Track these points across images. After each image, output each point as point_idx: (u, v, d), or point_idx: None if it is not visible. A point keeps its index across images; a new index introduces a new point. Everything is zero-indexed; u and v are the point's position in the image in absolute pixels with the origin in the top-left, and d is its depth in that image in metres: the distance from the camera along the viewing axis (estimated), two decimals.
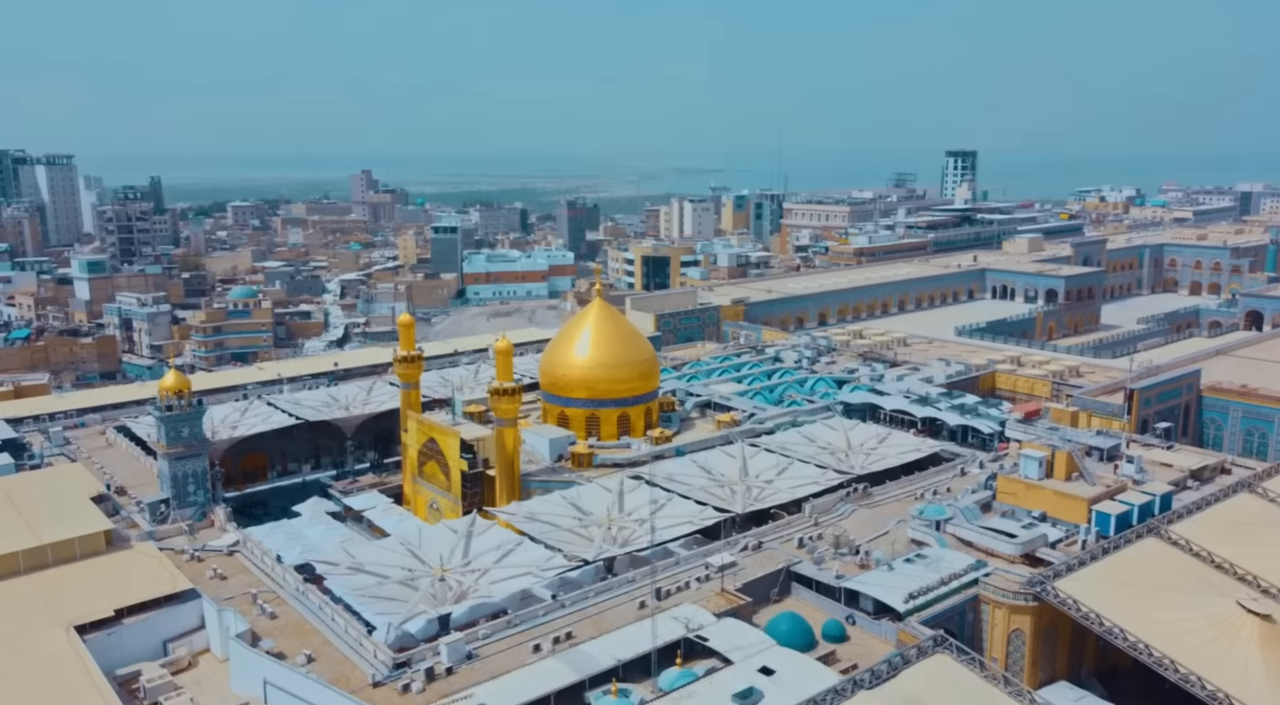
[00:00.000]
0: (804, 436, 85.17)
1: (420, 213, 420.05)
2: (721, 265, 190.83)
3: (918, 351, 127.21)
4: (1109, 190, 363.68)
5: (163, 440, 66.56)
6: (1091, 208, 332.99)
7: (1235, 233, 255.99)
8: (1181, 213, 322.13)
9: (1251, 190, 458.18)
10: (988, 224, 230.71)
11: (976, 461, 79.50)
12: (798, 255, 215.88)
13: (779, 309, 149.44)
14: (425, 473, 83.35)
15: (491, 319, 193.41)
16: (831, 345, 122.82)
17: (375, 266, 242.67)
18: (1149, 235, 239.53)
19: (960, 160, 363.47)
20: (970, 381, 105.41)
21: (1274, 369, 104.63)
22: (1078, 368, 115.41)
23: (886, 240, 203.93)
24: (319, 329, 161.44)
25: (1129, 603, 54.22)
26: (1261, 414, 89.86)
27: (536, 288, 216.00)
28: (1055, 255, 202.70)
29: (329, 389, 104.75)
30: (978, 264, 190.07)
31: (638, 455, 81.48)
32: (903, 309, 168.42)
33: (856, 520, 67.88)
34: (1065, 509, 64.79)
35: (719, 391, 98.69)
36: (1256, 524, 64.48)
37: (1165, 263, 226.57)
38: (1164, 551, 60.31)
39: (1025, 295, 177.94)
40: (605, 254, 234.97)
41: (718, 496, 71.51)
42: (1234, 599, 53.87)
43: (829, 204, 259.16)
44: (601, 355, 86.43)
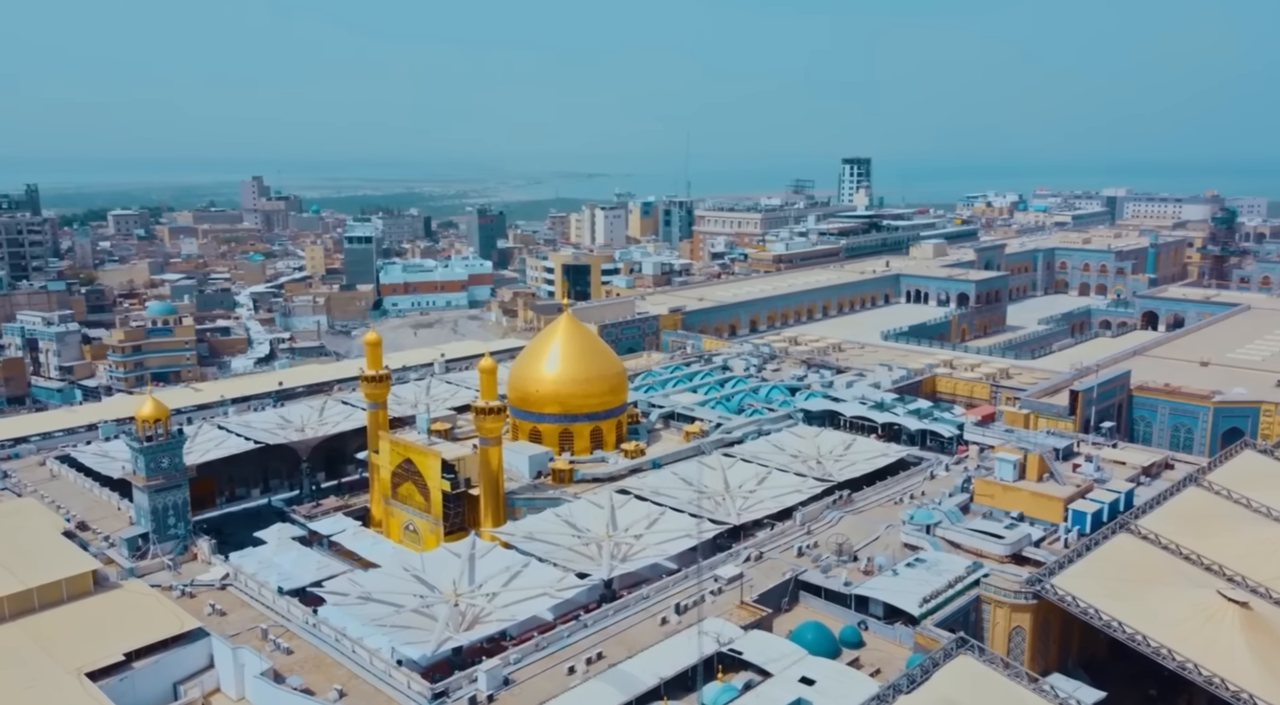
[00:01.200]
0: (773, 445, 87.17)
1: (316, 220, 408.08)
2: (646, 274, 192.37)
3: (853, 356, 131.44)
4: (994, 195, 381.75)
5: (142, 472, 63.56)
6: (979, 212, 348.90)
7: (1115, 236, 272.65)
8: (1061, 217, 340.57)
9: (1116, 195, 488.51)
10: (893, 230, 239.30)
11: (941, 465, 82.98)
12: (716, 262, 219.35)
13: (714, 317, 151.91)
14: (400, 494, 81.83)
15: (415, 330, 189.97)
16: (773, 352, 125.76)
17: (283, 278, 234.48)
18: (1040, 240, 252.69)
19: (855, 167, 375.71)
20: (914, 386, 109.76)
21: (1183, 367, 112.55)
22: (1006, 370, 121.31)
23: (802, 247, 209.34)
24: (243, 346, 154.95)
25: (1119, 596, 57.85)
26: (1187, 411, 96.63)
27: (456, 298, 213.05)
28: (960, 260, 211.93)
29: (277, 410, 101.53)
30: (890, 269, 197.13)
31: (616, 469, 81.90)
32: (826, 314, 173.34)
33: (845, 527, 70.08)
34: (1042, 509, 68.52)
35: (680, 402, 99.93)
36: (1210, 517, 69.48)
37: (1057, 265, 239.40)
38: (1137, 546, 64.47)
39: (938, 299, 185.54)
40: (524, 262, 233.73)
41: (707, 509, 72.67)
42: (1214, 589, 58.10)
43: (740, 211, 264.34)
44: (573, 370, 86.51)
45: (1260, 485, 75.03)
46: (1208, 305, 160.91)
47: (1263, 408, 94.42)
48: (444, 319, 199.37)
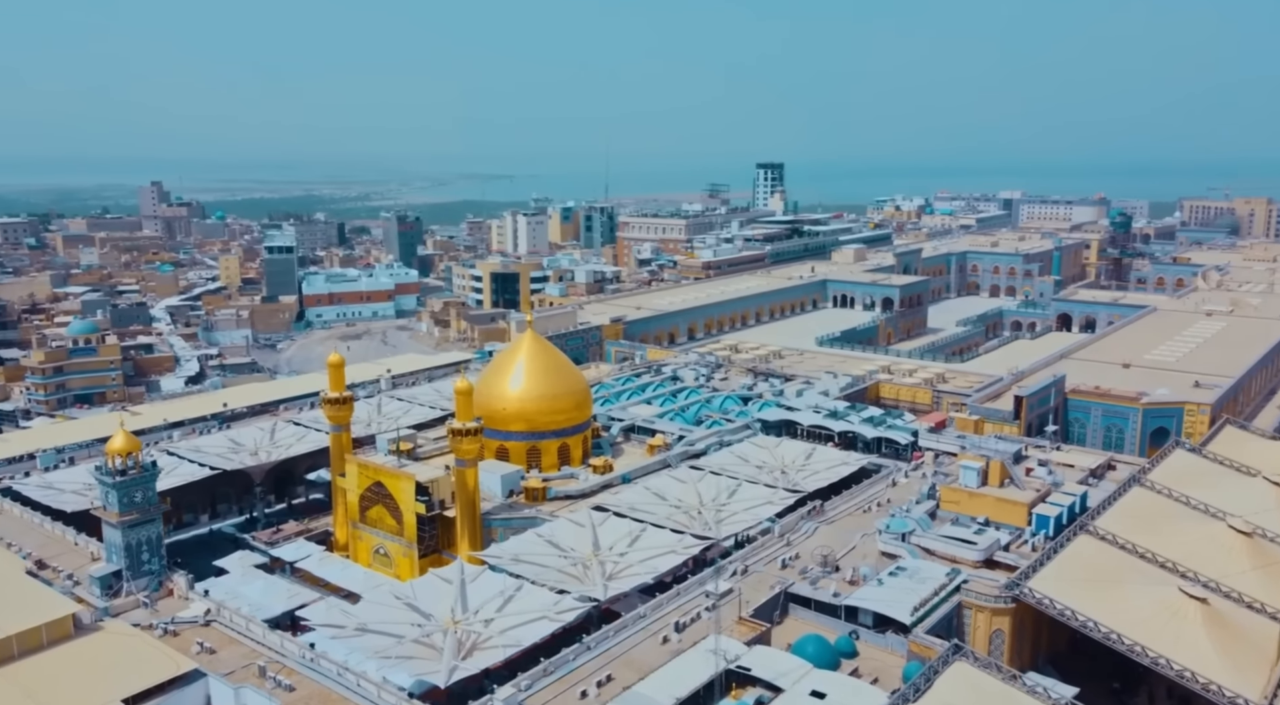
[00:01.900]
0: (737, 456, 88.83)
1: (221, 227, 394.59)
2: (580, 282, 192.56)
3: (793, 363, 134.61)
4: (901, 199, 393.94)
5: (114, 508, 61.28)
6: (890, 216, 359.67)
7: (1019, 239, 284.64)
8: (966, 220, 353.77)
9: (1012, 197, 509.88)
10: (814, 235, 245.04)
11: (901, 472, 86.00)
12: (644, 269, 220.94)
13: (653, 326, 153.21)
14: (369, 518, 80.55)
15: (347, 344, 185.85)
16: (719, 361, 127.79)
17: (197, 289, 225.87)
18: (952, 244, 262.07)
19: (769, 172, 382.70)
20: (859, 393, 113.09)
21: (1107, 369, 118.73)
22: (942, 374, 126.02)
23: (730, 253, 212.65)
24: (170, 364, 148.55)
25: (1090, 596, 61.15)
26: (1118, 412, 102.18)
27: (383, 308, 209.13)
28: (880, 264, 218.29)
29: (225, 432, 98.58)
30: (816, 274, 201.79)
31: (587, 486, 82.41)
32: (759, 320, 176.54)
33: (822, 537, 72.12)
34: (1006, 513, 71.80)
35: (640, 415, 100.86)
36: (1157, 515, 73.87)
37: (969, 268, 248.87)
38: (1097, 546, 68.18)
39: (863, 304, 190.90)
40: (449, 270, 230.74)
41: (684, 523, 73.80)
42: (1174, 586, 61.99)
43: (664, 217, 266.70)
44: (539, 387, 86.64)
45: (1195, 483, 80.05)
46: (1116, 307, 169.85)
47: (1186, 408, 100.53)
48: (372, 330, 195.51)
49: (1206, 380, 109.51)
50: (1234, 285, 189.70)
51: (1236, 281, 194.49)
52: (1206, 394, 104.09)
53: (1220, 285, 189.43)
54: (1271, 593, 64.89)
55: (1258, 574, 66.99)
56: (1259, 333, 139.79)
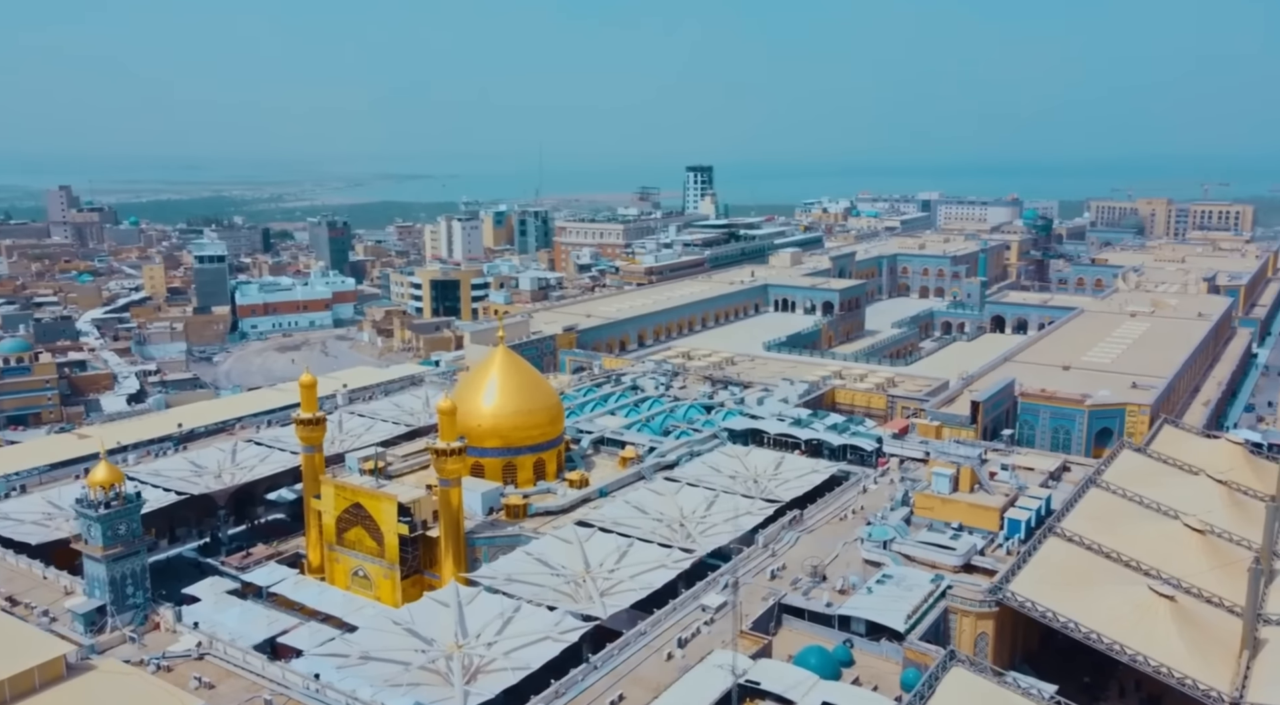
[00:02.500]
0: (709, 467, 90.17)
1: (136, 233, 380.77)
2: (525, 289, 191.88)
3: (746, 369, 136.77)
4: (828, 201, 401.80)
5: (98, 542, 59.48)
6: (818, 218, 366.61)
7: (944, 241, 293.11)
8: (890, 222, 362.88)
9: (930, 199, 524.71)
10: (751, 239, 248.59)
11: (870, 478, 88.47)
12: (585, 275, 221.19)
13: (605, 333, 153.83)
14: (347, 540, 79.51)
15: (282, 354, 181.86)
16: (675, 369, 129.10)
17: (121, 300, 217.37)
18: (882, 246, 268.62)
19: (699, 175, 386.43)
20: (816, 399, 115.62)
21: (1048, 371, 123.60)
22: (892, 378, 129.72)
23: (670, 258, 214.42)
24: (108, 382, 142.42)
25: (1067, 597, 64.09)
26: (1065, 414, 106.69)
27: (320, 317, 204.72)
28: (817, 268, 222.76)
29: (184, 454, 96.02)
30: (757, 279, 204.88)
31: (566, 501, 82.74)
32: (705, 326, 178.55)
33: (805, 547, 73.89)
34: (979, 518, 74.62)
35: (608, 426, 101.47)
36: (1116, 516, 77.61)
37: (899, 270, 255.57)
38: (1066, 548, 71.39)
39: (804, 307, 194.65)
40: (386, 277, 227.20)
41: (670, 537, 74.79)
42: (1144, 585, 65.34)
43: (602, 221, 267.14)
44: (514, 402, 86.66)
45: (1145, 483, 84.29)
46: (1046, 309, 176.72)
47: (1128, 409, 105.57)
48: (310, 341, 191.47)
49: (1143, 381, 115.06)
50: (1151, 286, 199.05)
51: (1152, 282, 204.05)
52: (1145, 395, 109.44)
53: (1138, 286, 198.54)
54: (1227, 588, 68.80)
55: (1214, 571, 70.93)
56: (1181, 333, 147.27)
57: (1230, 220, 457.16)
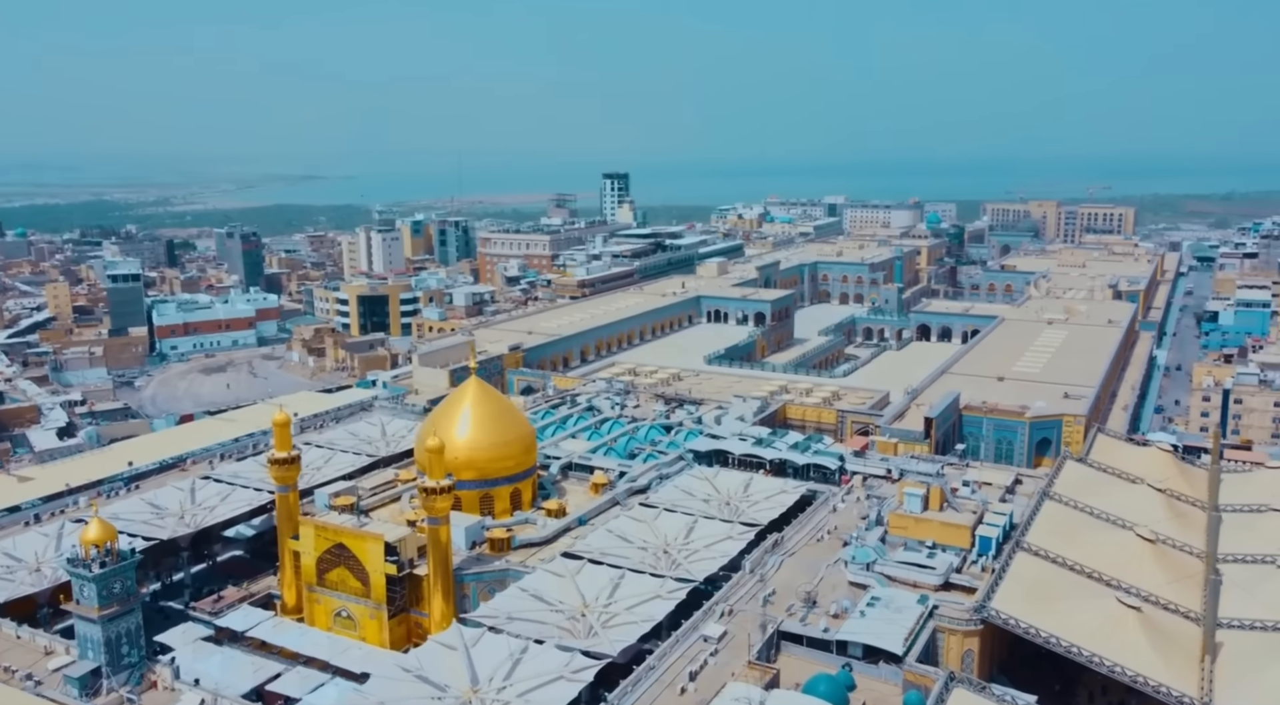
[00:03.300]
0: (682, 491, 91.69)
1: (24, 245, 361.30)
2: (459, 305, 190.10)
3: (692, 384, 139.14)
4: (743, 207, 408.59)
5: (93, 602, 57.49)
6: (734, 224, 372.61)
7: (859, 248, 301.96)
8: (804, 227, 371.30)
9: (836, 202, 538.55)
10: (677, 249, 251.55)
11: (837, 497, 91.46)
12: (516, 288, 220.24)
13: (549, 351, 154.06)
14: (329, 581, 78.29)
15: (208, 376, 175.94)
16: (627, 387, 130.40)
17: (24, 322, 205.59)
18: (802, 254, 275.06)
19: (615, 182, 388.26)
20: (770, 416, 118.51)
21: (984, 382, 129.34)
22: (836, 391, 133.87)
23: (601, 270, 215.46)
24: (33, 415, 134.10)
25: (1044, 612, 67.90)
26: (1007, 426, 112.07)
27: (244, 336, 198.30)
28: (744, 278, 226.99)
29: (139, 495, 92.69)
30: (688, 290, 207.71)
31: (549, 532, 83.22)
32: (642, 339, 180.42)
33: (789, 570, 76.16)
34: (951, 536, 78.11)
35: (574, 451, 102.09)
36: (1073, 528, 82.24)
37: (819, 277, 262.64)
38: (1034, 563, 75.44)
39: (736, 318, 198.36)
40: (309, 293, 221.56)
41: (658, 565, 76.03)
42: (1112, 597, 69.68)
43: (527, 232, 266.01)
44: (489, 434, 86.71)
45: (1092, 493, 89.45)
46: (968, 318, 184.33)
47: (1064, 419, 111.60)
48: (235, 361, 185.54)
49: (1074, 391, 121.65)
50: (1060, 292, 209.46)
51: (1061, 288, 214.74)
52: (1079, 405, 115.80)
53: (1049, 293, 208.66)
54: (1180, 595, 73.85)
55: (1168, 579, 76.00)
56: (1097, 340, 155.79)
57: (1114, 221, 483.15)
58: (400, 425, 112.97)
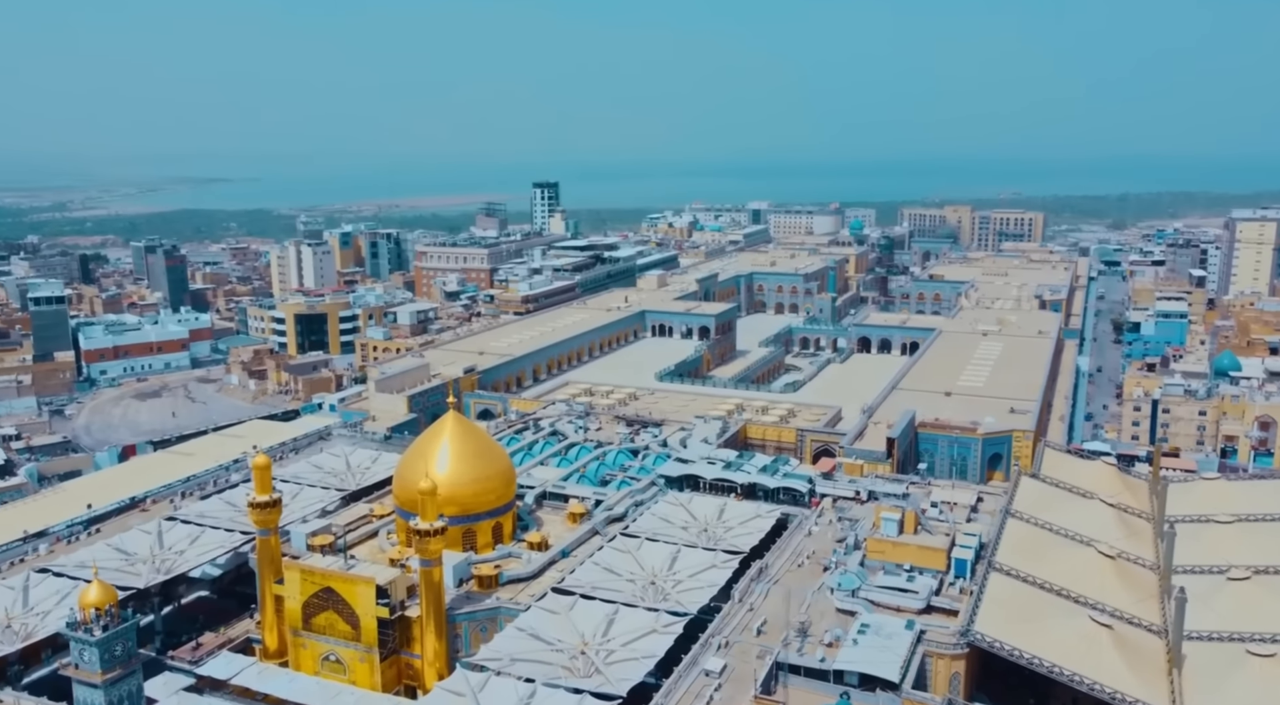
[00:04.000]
0: (659, 519, 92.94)
1: None
2: (404, 323, 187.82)
3: (649, 403, 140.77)
4: (672, 215, 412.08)
5: (95, 667, 56.12)
6: (664, 232, 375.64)
7: (790, 256, 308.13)
8: (734, 235, 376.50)
9: (760, 208, 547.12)
10: (615, 261, 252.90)
11: (810, 520, 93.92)
12: (455, 303, 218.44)
13: (503, 372, 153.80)
14: (315, 625, 77.21)
15: (143, 402, 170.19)
16: (587, 409, 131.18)
17: None
18: (738, 265, 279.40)
19: (545, 191, 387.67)
20: (733, 437, 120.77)
21: (933, 398, 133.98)
22: (792, 409, 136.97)
23: (544, 285, 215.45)
24: None
25: (1023, 633, 71.11)
26: (961, 442, 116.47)
27: (177, 359, 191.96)
28: (684, 291, 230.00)
29: (104, 541, 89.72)
30: (632, 305, 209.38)
31: (535, 567, 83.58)
32: (591, 356, 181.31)
33: (776, 598, 78.06)
34: (927, 558, 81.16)
35: (546, 479, 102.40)
36: (1037, 546, 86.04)
37: (755, 288, 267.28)
38: (1007, 583, 78.86)
39: (681, 333, 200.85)
40: (243, 312, 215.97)
41: (648, 598, 77.11)
42: (1084, 616, 73.43)
43: (464, 245, 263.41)
44: (471, 469, 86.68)
45: (1050, 509, 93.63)
46: (906, 329, 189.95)
47: (1014, 435, 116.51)
48: (170, 385, 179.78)
49: (1019, 405, 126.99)
50: (989, 302, 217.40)
51: (989, 298, 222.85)
52: (1025, 420, 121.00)
53: (978, 303, 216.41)
54: (1144, 610, 78.17)
55: (1129, 594, 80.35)
56: (1031, 352, 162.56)
57: (1025, 226, 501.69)
58: (364, 456, 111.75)
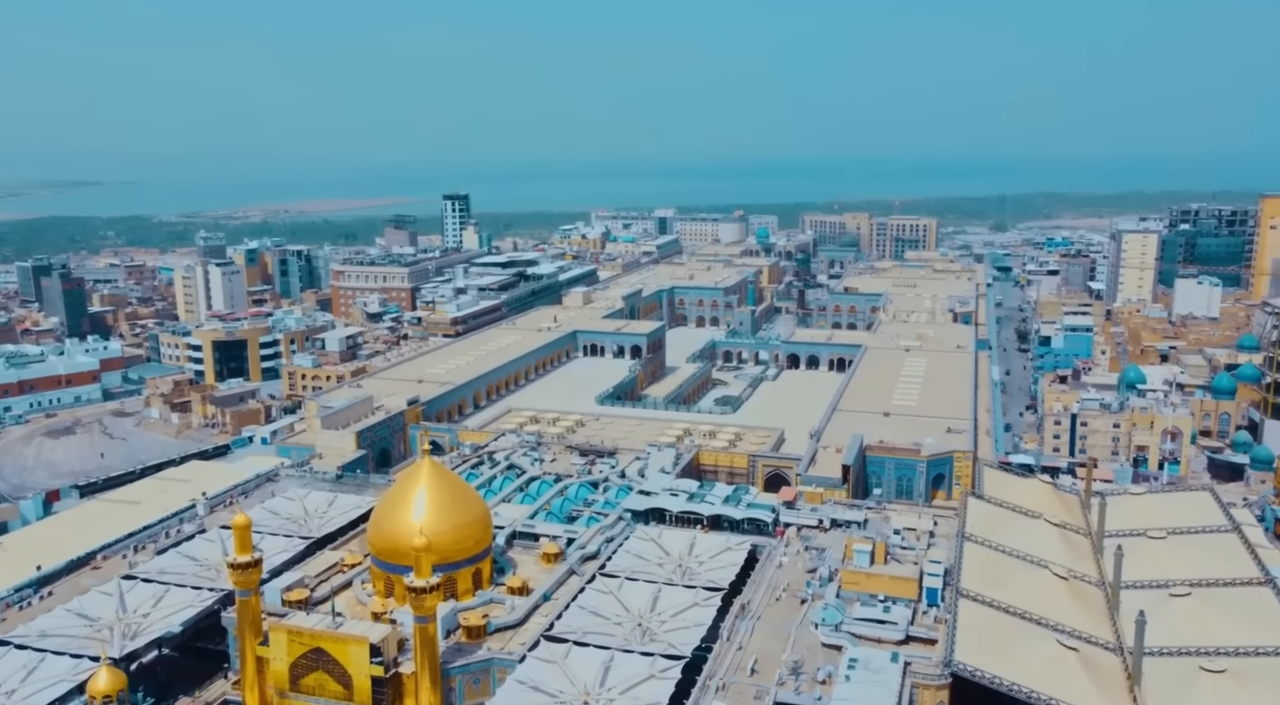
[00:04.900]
0: (633, 556, 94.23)
1: None
2: (332, 350, 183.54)
3: (597, 431, 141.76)
4: (584, 227, 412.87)
5: None
6: (577, 244, 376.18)
7: (706, 269, 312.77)
8: (647, 247, 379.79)
9: (666, 216, 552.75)
10: (538, 278, 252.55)
11: (779, 552, 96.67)
12: (379, 324, 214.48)
13: (445, 401, 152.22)
14: (304, 685, 75.92)
15: (55, 440, 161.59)
16: (537, 440, 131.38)
17: None
18: (659, 279, 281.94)
19: (456, 203, 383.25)
20: (688, 466, 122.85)
21: (872, 419, 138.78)
22: (739, 433, 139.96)
23: (471, 306, 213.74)
24: None
25: (999, 660, 75.10)
26: (907, 465, 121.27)
27: (88, 391, 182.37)
28: (611, 308, 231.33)
29: (61, 606, 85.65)
30: (562, 325, 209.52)
31: (520, 614, 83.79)
32: (528, 379, 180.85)
33: (762, 635, 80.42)
34: (899, 588, 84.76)
35: (512, 517, 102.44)
36: (996, 569, 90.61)
37: (676, 302, 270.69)
38: (976, 609, 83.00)
39: (612, 352, 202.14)
40: (155, 338, 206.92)
41: (638, 642, 78.38)
42: (1052, 639, 78.05)
43: (383, 264, 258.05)
44: (450, 517, 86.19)
45: (1000, 531, 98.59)
46: (833, 346, 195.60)
47: (955, 456, 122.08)
48: (83, 420, 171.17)
49: (955, 425, 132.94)
50: (905, 316, 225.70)
51: (905, 311, 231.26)
52: (963, 439, 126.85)
53: (895, 317, 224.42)
54: (1097, 628, 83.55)
55: (1083, 613, 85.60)
56: (955, 367, 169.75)
57: (920, 232, 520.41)
58: (319, 499, 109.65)
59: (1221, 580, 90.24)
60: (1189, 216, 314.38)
